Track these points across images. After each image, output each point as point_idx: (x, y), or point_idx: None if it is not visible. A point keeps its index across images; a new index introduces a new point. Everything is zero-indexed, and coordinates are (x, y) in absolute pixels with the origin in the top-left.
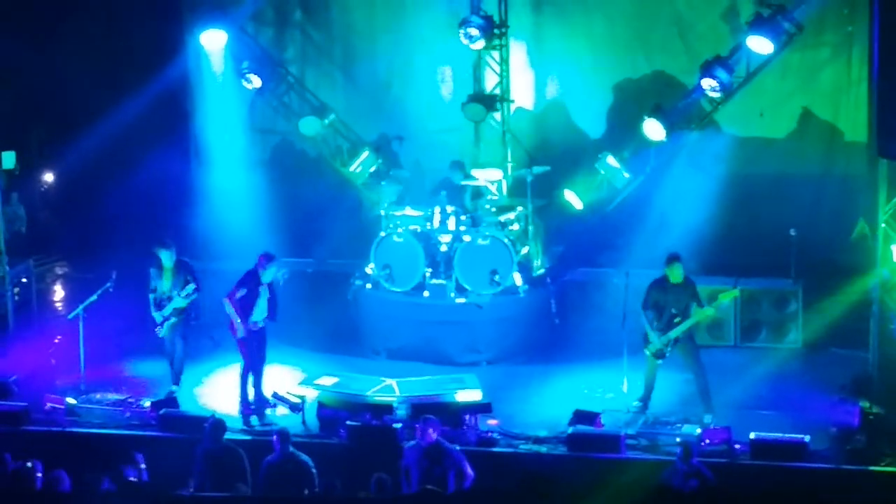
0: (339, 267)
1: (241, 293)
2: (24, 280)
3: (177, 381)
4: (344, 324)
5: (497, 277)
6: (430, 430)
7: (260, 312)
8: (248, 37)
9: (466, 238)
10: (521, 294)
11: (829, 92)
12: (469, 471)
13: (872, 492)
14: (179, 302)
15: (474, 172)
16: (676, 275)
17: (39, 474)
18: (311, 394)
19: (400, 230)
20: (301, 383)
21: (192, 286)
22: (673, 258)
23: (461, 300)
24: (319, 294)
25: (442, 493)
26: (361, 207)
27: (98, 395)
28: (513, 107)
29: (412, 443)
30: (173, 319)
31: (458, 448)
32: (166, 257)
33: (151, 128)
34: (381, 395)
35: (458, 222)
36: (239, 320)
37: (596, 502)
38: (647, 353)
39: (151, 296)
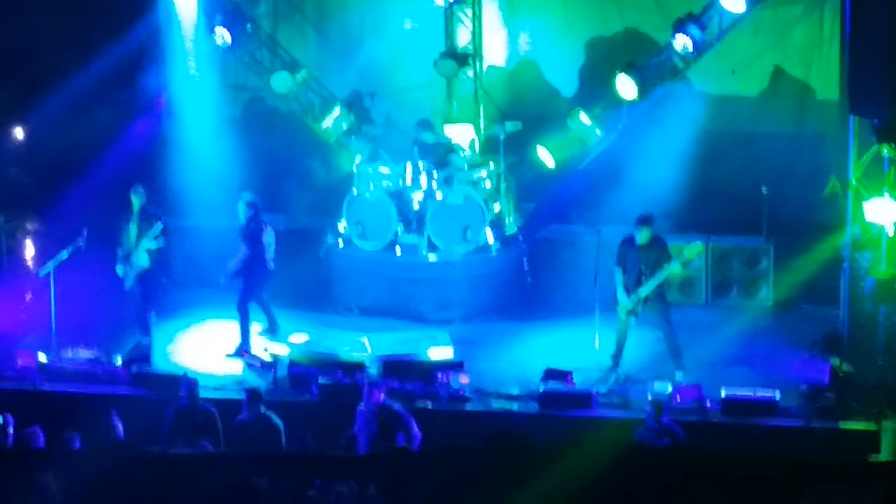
0: (312, 224)
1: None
2: None
3: (146, 332)
4: (316, 281)
5: (469, 235)
6: (376, 392)
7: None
8: None
9: (439, 195)
10: (494, 252)
11: (800, 49)
12: (416, 430)
13: (842, 448)
14: (149, 244)
15: (446, 129)
16: (644, 237)
17: (11, 430)
18: (283, 351)
19: (372, 187)
20: (273, 340)
21: (159, 225)
22: (642, 221)
23: (433, 258)
24: (291, 251)
25: (412, 450)
26: (333, 164)
27: (69, 353)
28: (485, 63)
29: (361, 406)
30: (140, 269)
31: (403, 409)
32: (136, 202)
33: (122, 84)
34: (353, 353)
35: (430, 179)
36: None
37: (568, 460)
38: (619, 311)
39: (119, 250)
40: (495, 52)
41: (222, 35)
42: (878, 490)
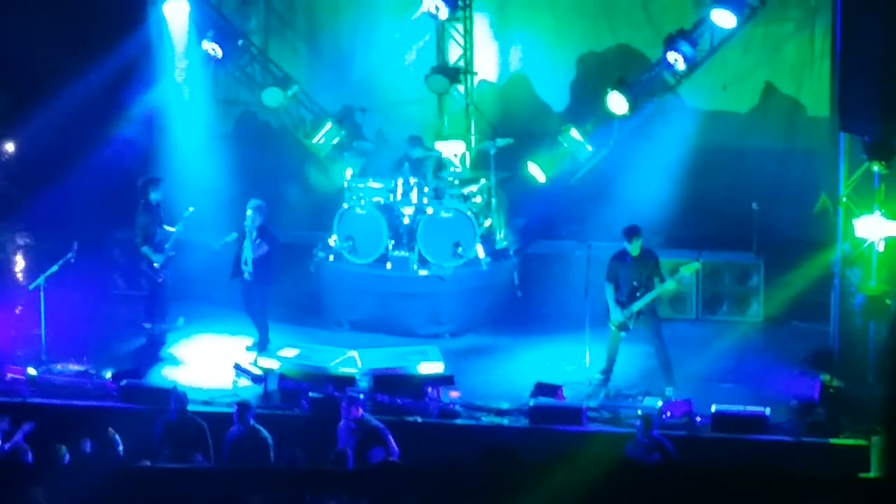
0: (302, 238)
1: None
2: None
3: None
4: (306, 295)
5: (460, 250)
6: (354, 409)
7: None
8: (210, 7)
9: (429, 210)
10: (484, 266)
11: (791, 66)
12: (394, 445)
13: (832, 464)
14: (181, 226)
15: (437, 145)
16: (635, 249)
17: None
18: (273, 365)
19: (363, 202)
20: (263, 355)
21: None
22: (630, 233)
23: (424, 272)
24: (282, 265)
25: (402, 465)
26: (324, 179)
27: (59, 366)
28: (476, 79)
29: (341, 423)
30: (172, 253)
31: (381, 424)
32: (157, 194)
33: (114, 98)
34: (343, 367)
35: (421, 194)
36: None
37: (558, 474)
38: (611, 326)
39: (146, 248)
40: (486, 67)
41: (213, 50)
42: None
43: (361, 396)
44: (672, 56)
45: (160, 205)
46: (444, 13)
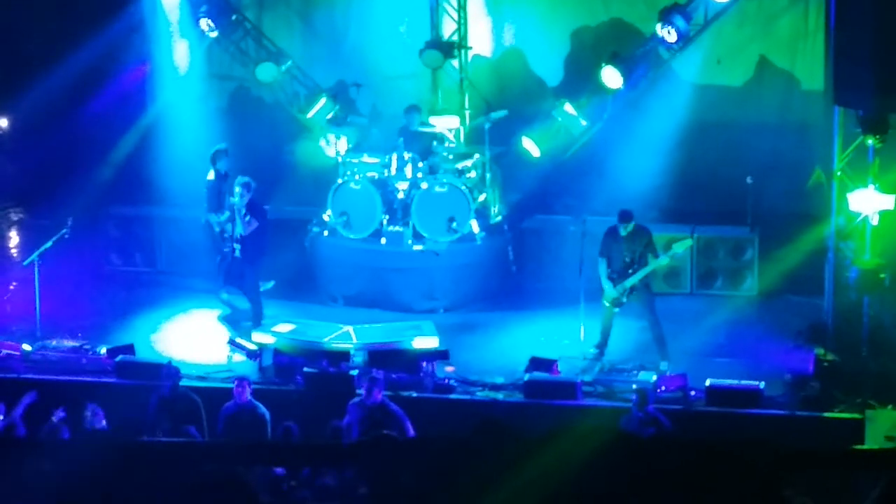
0: (296, 214)
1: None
2: None
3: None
4: (301, 270)
5: (454, 225)
6: (376, 391)
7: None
8: None
9: (424, 185)
10: (479, 241)
11: (786, 40)
12: (412, 432)
13: (826, 438)
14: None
15: (432, 120)
16: (627, 230)
17: (1, 416)
18: (268, 340)
19: (357, 177)
20: (258, 330)
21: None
22: (623, 217)
23: (418, 247)
24: (276, 241)
25: (397, 438)
26: (318, 154)
27: (54, 342)
28: (470, 54)
29: (356, 400)
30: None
31: (400, 409)
32: (223, 164)
33: (107, 73)
34: (337, 342)
35: (416, 169)
36: None
37: (553, 448)
38: (604, 301)
39: (212, 216)
40: (481, 42)
41: (209, 25)
42: (864, 476)
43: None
44: (666, 30)
45: (228, 175)
46: None
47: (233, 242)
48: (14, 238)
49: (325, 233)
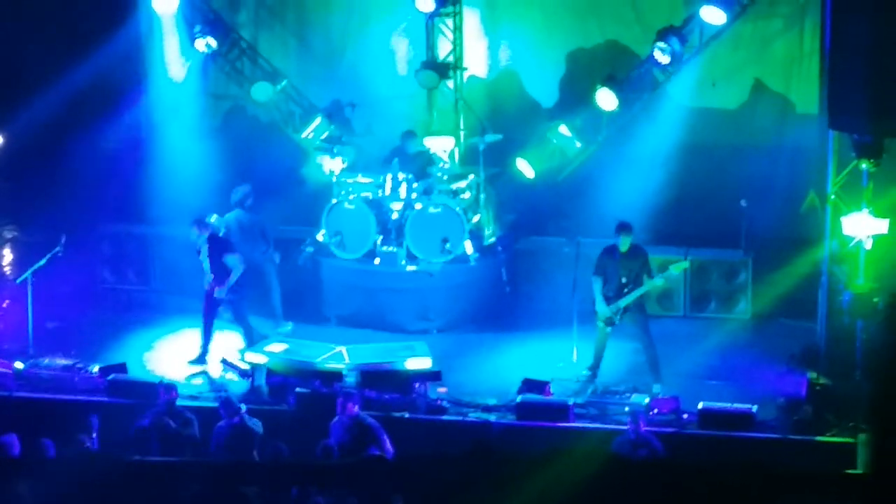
0: (290, 233)
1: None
2: None
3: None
4: (294, 290)
5: (448, 245)
6: (350, 405)
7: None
8: (200, 0)
9: (418, 206)
10: (472, 262)
11: (781, 63)
12: (388, 445)
13: (818, 462)
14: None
15: (426, 140)
16: (624, 244)
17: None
18: (260, 360)
19: (351, 197)
20: (251, 350)
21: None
22: (622, 228)
23: (412, 268)
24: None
25: (389, 459)
26: (313, 174)
27: (46, 360)
28: (466, 74)
29: (335, 420)
30: None
31: (376, 423)
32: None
33: (103, 92)
34: (330, 363)
35: (410, 190)
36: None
37: (545, 471)
38: (597, 321)
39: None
40: (476, 63)
41: (208, 45)
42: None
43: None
44: (661, 52)
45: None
46: (429, 5)
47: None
48: (7, 256)
49: (319, 252)
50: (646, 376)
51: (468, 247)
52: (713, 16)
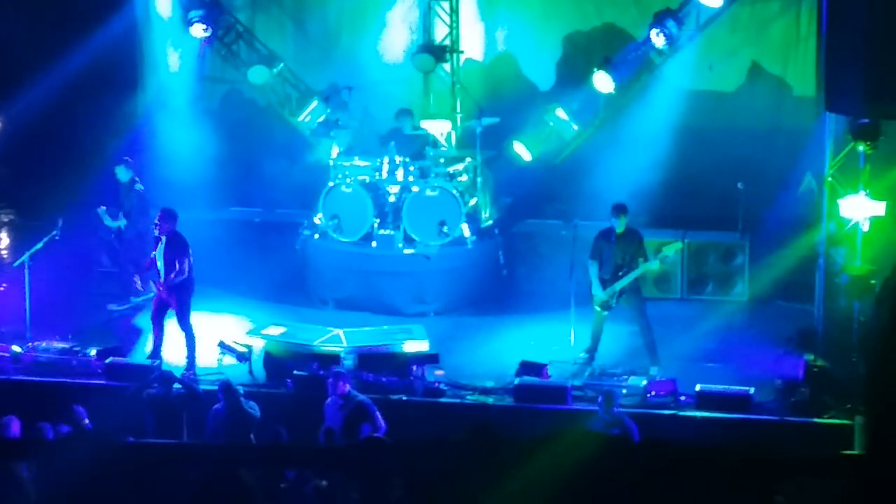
0: (287, 216)
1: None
2: None
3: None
4: (292, 273)
5: (445, 228)
6: (341, 384)
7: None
8: None
9: (415, 189)
10: (469, 245)
11: (778, 46)
12: (381, 421)
13: (816, 444)
14: None
15: (423, 124)
16: (620, 226)
17: None
18: (258, 343)
19: (348, 180)
20: (248, 333)
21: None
22: (617, 209)
23: (409, 251)
24: (267, 244)
25: (388, 442)
26: (310, 157)
27: (44, 344)
28: (462, 58)
29: (328, 400)
30: None
31: (367, 399)
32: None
33: (99, 76)
34: (328, 346)
35: (407, 173)
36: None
37: (542, 453)
38: (594, 304)
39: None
40: (472, 46)
41: (205, 30)
42: (852, 482)
43: (344, 370)
44: (658, 35)
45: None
46: None
47: None
48: (4, 239)
49: (316, 236)
50: (643, 359)
51: (465, 230)
52: None
